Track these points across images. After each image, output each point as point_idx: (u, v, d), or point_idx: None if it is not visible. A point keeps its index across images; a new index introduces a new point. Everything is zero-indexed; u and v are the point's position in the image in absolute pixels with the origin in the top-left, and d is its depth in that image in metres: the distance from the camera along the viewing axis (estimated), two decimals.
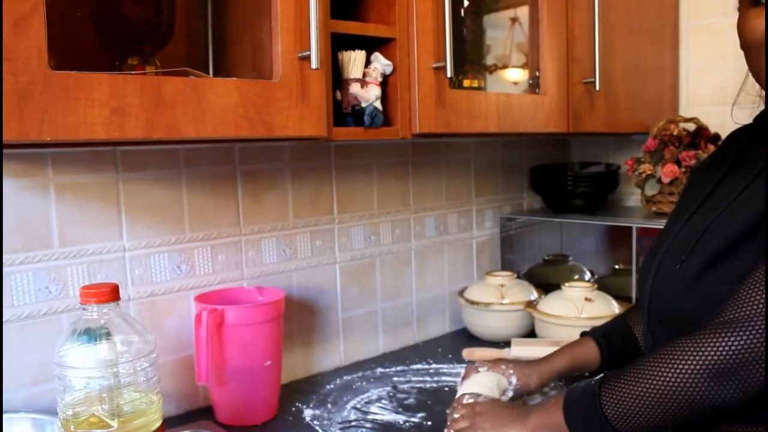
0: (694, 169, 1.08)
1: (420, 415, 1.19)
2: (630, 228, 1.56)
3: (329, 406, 1.26)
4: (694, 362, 0.76)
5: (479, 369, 1.17)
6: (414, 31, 1.15)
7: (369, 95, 1.13)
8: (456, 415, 1.02)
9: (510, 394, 1.13)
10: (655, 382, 0.79)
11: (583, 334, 1.21)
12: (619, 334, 1.16)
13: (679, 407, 0.77)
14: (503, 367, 1.16)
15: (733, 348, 0.74)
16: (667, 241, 0.97)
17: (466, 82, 1.39)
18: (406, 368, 1.46)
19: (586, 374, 1.17)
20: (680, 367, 0.77)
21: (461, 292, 1.67)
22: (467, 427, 0.98)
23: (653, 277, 0.96)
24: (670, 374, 0.78)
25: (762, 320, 0.74)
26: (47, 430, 1.02)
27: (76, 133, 0.78)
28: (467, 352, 1.48)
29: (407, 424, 1.17)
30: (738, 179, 0.91)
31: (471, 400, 1.05)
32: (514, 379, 1.14)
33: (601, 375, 0.87)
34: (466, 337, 1.65)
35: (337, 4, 1.07)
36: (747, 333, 0.74)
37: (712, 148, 1.58)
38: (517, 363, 1.17)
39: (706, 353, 0.76)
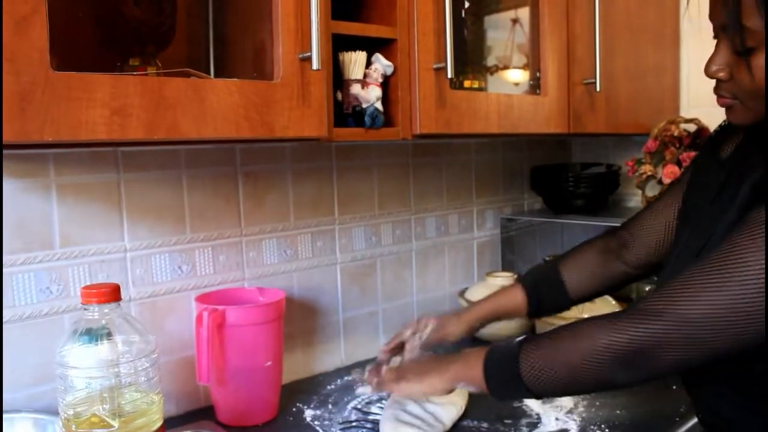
0: (695, 162, 1.09)
1: None
2: None
3: (330, 406, 1.26)
4: (600, 345, 0.81)
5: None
6: (415, 32, 1.15)
7: (370, 96, 1.13)
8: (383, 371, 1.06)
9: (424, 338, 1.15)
10: (566, 355, 0.84)
11: (517, 280, 1.23)
12: (549, 283, 1.17)
13: (583, 380, 0.83)
14: (423, 320, 1.18)
15: (635, 336, 0.79)
16: (673, 254, 0.98)
17: (467, 83, 1.39)
18: None
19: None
20: (588, 346, 0.82)
21: (462, 293, 1.67)
22: (393, 379, 1.01)
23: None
24: (579, 351, 0.83)
25: (670, 316, 0.78)
26: (48, 430, 1.03)
27: (78, 133, 0.78)
28: None
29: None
30: (725, 202, 0.90)
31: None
32: (431, 325, 1.16)
33: (523, 337, 0.91)
34: (466, 338, 1.65)
35: (338, 5, 1.07)
36: (653, 324, 0.79)
37: None
38: (441, 313, 1.20)
39: (611, 338, 0.80)
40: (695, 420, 0.89)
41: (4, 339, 1.06)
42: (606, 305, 1.48)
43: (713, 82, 0.89)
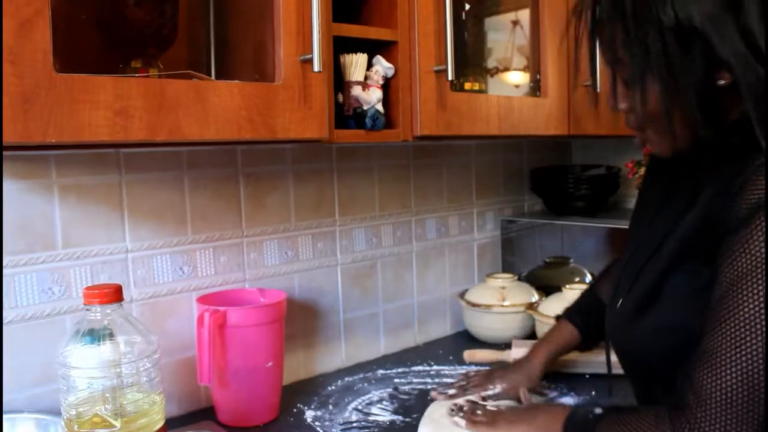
0: (648, 166, 1.10)
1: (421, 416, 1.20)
2: None
3: (330, 407, 1.26)
4: None
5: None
6: (416, 34, 1.16)
7: (371, 98, 1.14)
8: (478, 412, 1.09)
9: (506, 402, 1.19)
10: None
11: (558, 318, 1.29)
12: (593, 310, 1.21)
13: None
14: (491, 379, 1.22)
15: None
16: (619, 270, 0.98)
17: (468, 85, 1.39)
18: (407, 370, 1.46)
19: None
20: None
21: (462, 294, 1.67)
22: (486, 423, 1.04)
23: (608, 307, 0.99)
24: None
25: (720, 404, 0.75)
26: (50, 430, 1.03)
27: (81, 134, 0.78)
28: (468, 354, 1.48)
29: (408, 425, 1.17)
30: (669, 214, 0.89)
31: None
32: (500, 387, 1.21)
33: (601, 411, 0.89)
34: (467, 339, 1.66)
35: (339, 7, 1.07)
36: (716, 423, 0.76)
37: None
38: (503, 372, 1.24)
39: None
40: None
41: (7, 339, 1.07)
42: None
43: None
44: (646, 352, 0.88)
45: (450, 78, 1.16)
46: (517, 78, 1.56)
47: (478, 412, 1.09)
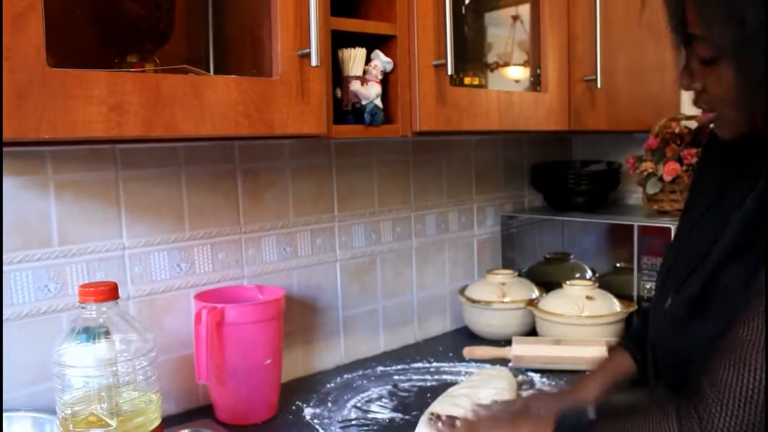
0: (698, 164, 1.05)
1: (421, 413, 1.19)
2: (631, 226, 1.56)
3: (329, 404, 1.26)
4: None
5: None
6: (415, 28, 1.15)
7: (369, 93, 1.13)
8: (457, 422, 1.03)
9: None
10: None
11: (611, 349, 1.16)
12: None
13: None
14: (535, 405, 1.10)
15: None
16: (666, 267, 0.95)
17: (467, 80, 1.38)
18: (406, 367, 1.45)
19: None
20: None
21: (462, 291, 1.66)
22: None
23: (654, 307, 0.94)
24: None
25: (732, 401, 0.72)
26: (47, 428, 1.02)
27: (75, 130, 0.77)
28: (468, 351, 1.47)
29: (408, 423, 1.16)
30: (727, 205, 0.86)
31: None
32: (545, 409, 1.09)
33: (592, 417, 0.84)
34: (467, 336, 1.65)
35: (337, 1, 1.06)
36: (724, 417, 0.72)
37: None
38: (553, 397, 1.13)
39: None
40: None
41: (3, 337, 1.06)
42: (607, 303, 1.48)
43: None
44: (700, 356, 0.81)
45: (449, 73, 1.15)
46: (517, 73, 1.55)
47: (457, 422, 1.04)
